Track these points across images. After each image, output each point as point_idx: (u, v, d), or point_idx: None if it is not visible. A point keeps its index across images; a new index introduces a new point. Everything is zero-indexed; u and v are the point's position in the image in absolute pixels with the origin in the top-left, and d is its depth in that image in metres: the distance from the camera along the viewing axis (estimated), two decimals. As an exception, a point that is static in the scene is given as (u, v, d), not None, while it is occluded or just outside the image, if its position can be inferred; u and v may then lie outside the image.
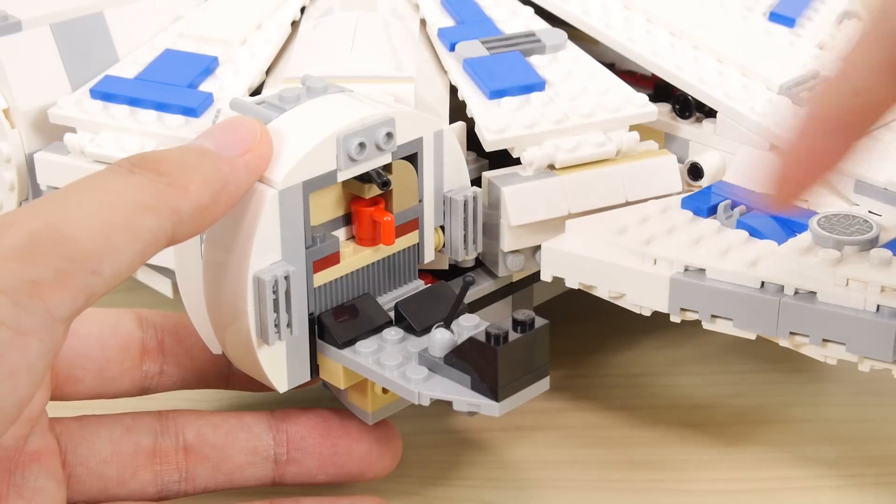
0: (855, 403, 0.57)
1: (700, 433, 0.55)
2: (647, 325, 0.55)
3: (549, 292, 0.58)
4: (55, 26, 0.58)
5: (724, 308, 0.48)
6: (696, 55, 0.59)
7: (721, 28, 0.62)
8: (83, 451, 0.47)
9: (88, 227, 0.37)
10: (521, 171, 0.53)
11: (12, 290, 0.35)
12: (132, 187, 0.39)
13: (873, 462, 0.53)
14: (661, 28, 0.61)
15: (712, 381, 0.59)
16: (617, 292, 0.50)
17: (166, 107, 0.54)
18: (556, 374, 0.52)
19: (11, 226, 0.37)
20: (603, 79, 0.57)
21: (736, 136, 0.56)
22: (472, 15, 0.61)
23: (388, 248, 0.48)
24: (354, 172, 0.46)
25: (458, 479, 0.53)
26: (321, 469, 0.49)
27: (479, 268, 0.55)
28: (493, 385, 0.43)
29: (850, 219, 0.50)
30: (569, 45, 0.59)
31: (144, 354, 0.50)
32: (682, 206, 0.53)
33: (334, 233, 0.48)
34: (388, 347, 0.46)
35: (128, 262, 0.38)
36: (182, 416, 0.49)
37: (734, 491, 0.52)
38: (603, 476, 0.53)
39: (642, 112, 0.55)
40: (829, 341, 0.47)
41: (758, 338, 0.49)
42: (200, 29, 0.60)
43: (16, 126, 0.56)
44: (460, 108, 0.55)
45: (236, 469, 0.48)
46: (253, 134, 0.43)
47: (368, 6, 0.61)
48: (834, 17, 0.68)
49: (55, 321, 0.36)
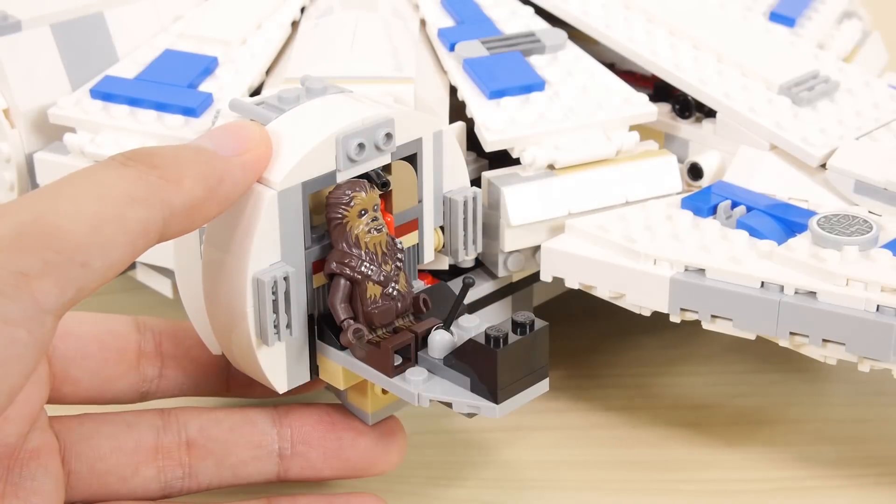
0: (855, 403, 0.57)
1: (700, 433, 0.55)
2: (647, 325, 0.55)
3: (549, 292, 0.58)
4: (55, 26, 0.58)
5: (724, 308, 0.48)
6: (696, 55, 0.59)
7: (721, 28, 0.62)
8: (83, 449, 0.47)
9: (78, 219, 0.37)
10: (521, 171, 0.53)
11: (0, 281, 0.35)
12: (124, 179, 0.39)
13: (873, 462, 0.53)
14: (661, 28, 0.61)
15: (712, 381, 0.59)
16: (617, 292, 0.50)
17: (166, 107, 0.54)
18: (556, 374, 0.52)
19: (1, 217, 0.37)
20: (603, 79, 0.57)
21: (736, 136, 0.56)
22: (471, 15, 0.61)
23: (388, 248, 0.48)
24: (354, 173, 0.46)
25: (458, 479, 0.53)
26: (326, 463, 0.48)
27: (478, 268, 0.55)
28: (493, 387, 0.43)
29: (850, 219, 0.50)
30: (569, 45, 0.59)
31: (142, 357, 0.50)
32: (682, 206, 0.53)
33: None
34: (387, 348, 0.46)
35: (118, 254, 0.38)
36: (185, 413, 0.48)
37: (734, 491, 0.52)
38: (603, 476, 0.53)
39: (642, 112, 0.55)
40: (829, 341, 0.47)
41: (758, 338, 0.49)
42: (200, 29, 0.60)
43: (16, 126, 0.56)
44: (460, 108, 0.55)
45: (240, 464, 0.48)
46: (251, 135, 0.43)
47: (368, 6, 0.61)
48: (834, 17, 0.68)
49: (43, 312, 0.36)
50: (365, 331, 0.45)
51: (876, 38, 0.70)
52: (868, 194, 0.52)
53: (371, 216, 0.45)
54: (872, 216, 0.51)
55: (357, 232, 0.45)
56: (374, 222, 0.45)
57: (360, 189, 0.45)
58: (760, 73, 0.58)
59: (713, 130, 0.57)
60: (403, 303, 0.46)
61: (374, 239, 0.45)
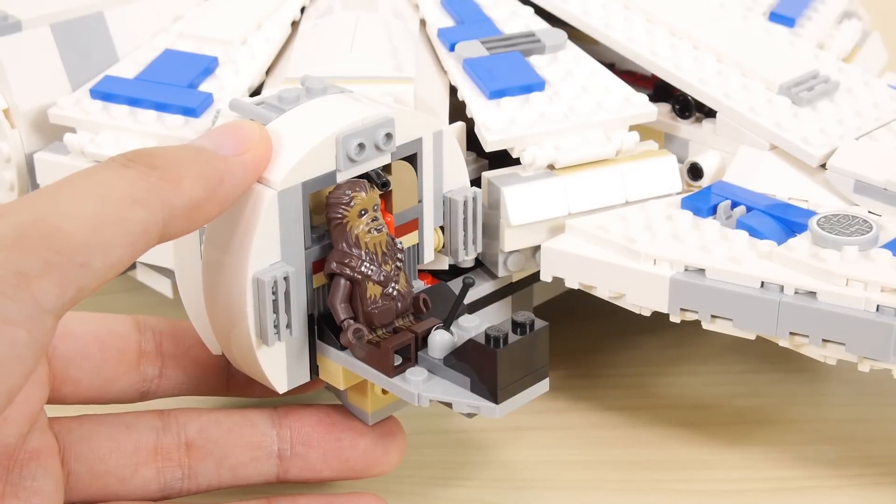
0: (855, 403, 0.57)
1: (700, 433, 0.55)
2: (647, 325, 0.55)
3: (549, 292, 0.58)
4: (55, 26, 0.58)
5: (724, 308, 0.48)
6: (696, 55, 0.59)
7: (721, 28, 0.62)
8: (82, 449, 0.47)
9: (78, 219, 0.37)
10: (521, 171, 0.53)
11: (0, 281, 0.35)
12: (124, 180, 0.39)
13: (873, 462, 0.53)
14: (661, 28, 0.61)
15: (712, 381, 0.59)
16: (617, 292, 0.50)
17: (166, 107, 0.54)
18: (556, 374, 0.52)
19: (1, 217, 0.37)
20: (603, 79, 0.57)
21: (736, 136, 0.56)
22: (471, 15, 0.61)
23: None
24: (354, 173, 0.46)
25: (458, 479, 0.53)
26: (326, 464, 0.48)
27: (478, 268, 0.55)
28: (493, 387, 0.43)
29: (850, 219, 0.50)
30: (569, 45, 0.59)
31: (142, 357, 0.50)
32: (682, 206, 0.53)
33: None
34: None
35: (118, 255, 0.38)
36: (184, 414, 0.48)
37: (734, 491, 0.52)
38: (603, 476, 0.53)
39: (642, 112, 0.55)
40: (829, 341, 0.47)
41: (758, 338, 0.49)
42: (200, 29, 0.60)
43: (16, 126, 0.56)
44: (460, 108, 0.55)
45: (240, 465, 0.48)
46: (251, 135, 0.43)
47: (368, 6, 0.61)
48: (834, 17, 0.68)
49: (43, 312, 0.36)
50: (365, 331, 0.45)
51: (876, 38, 0.70)
52: (868, 194, 0.52)
53: (371, 216, 0.45)
54: (872, 216, 0.51)
55: (357, 232, 0.45)
56: (374, 222, 0.45)
57: (360, 189, 0.45)
58: (760, 73, 0.58)
59: (713, 130, 0.57)
60: (403, 303, 0.46)
61: (374, 239, 0.45)
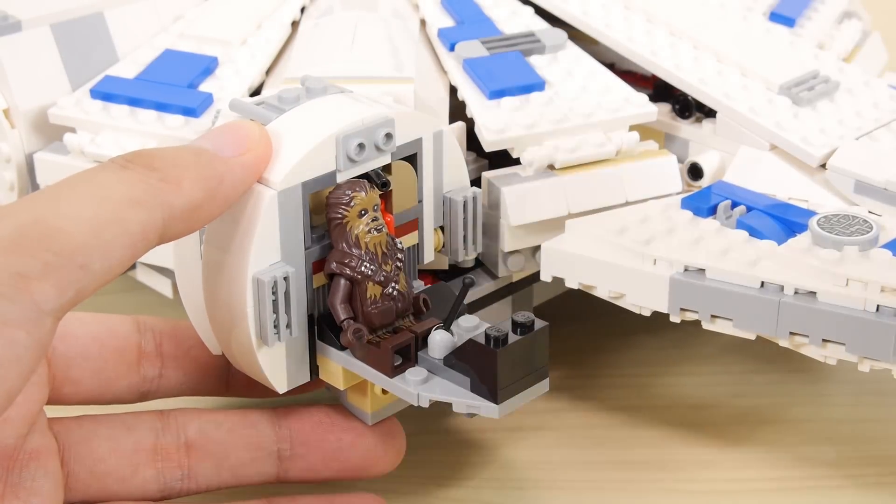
0: (855, 403, 0.57)
1: (700, 433, 0.55)
2: (647, 325, 0.55)
3: (549, 292, 0.58)
4: (55, 26, 0.58)
5: (724, 308, 0.48)
6: (695, 55, 0.59)
7: (721, 28, 0.62)
8: (82, 450, 0.47)
9: (78, 221, 0.37)
10: (521, 172, 0.53)
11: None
12: (124, 182, 0.39)
13: (873, 462, 0.53)
14: (661, 28, 0.61)
15: (712, 381, 0.59)
16: (617, 292, 0.50)
17: (166, 107, 0.54)
18: (556, 374, 0.52)
19: (1, 219, 0.37)
20: (603, 79, 0.57)
21: (736, 136, 0.56)
22: (471, 15, 0.61)
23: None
24: (354, 173, 0.46)
25: (457, 479, 0.53)
26: (325, 464, 0.48)
27: (479, 268, 0.55)
28: (493, 387, 0.43)
29: (850, 219, 0.50)
30: (569, 45, 0.59)
31: (142, 357, 0.50)
32: (682, 206, 0.53)
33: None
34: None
35: (118, 256, 0.38)
36: (184, 414, 0.48)
37: (734, 491, 0.52)
38: (603, 476, 0.53)
39: (642, 112, 0.55)
40: (829, 341, 0.47)
41: (758, 338, 0.49)
42: (200, 29, 0.60)
43: (16, 126, 0.56)
44: (460, 108, 0.55)
45: (239, 465, 0.48)
46: (251, 135, 0.43)
47: (368, 6, 0.61)
48: (834, 18, 0.68)
49: (43, 314, 0.36)
50: (365, 331, 0.45)
51: (876, 38, 0.70)
52: (868, 194, 0.52)
53: (371, 216, 0.45)
54: (872, 216, 0.51)
55: (357, 232, 0.45)
56: (374, 222, 0.45)
57: (360, 189, 0.45)
58: (760, 73, 0.58)
59: (713, 130, 0.57)
60: (403, 303, 0.46)
61: (374, 239, 0.45)
